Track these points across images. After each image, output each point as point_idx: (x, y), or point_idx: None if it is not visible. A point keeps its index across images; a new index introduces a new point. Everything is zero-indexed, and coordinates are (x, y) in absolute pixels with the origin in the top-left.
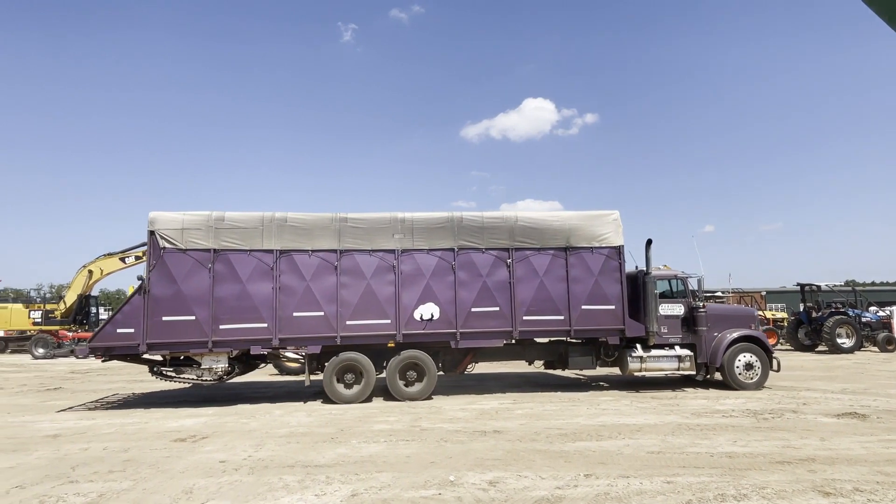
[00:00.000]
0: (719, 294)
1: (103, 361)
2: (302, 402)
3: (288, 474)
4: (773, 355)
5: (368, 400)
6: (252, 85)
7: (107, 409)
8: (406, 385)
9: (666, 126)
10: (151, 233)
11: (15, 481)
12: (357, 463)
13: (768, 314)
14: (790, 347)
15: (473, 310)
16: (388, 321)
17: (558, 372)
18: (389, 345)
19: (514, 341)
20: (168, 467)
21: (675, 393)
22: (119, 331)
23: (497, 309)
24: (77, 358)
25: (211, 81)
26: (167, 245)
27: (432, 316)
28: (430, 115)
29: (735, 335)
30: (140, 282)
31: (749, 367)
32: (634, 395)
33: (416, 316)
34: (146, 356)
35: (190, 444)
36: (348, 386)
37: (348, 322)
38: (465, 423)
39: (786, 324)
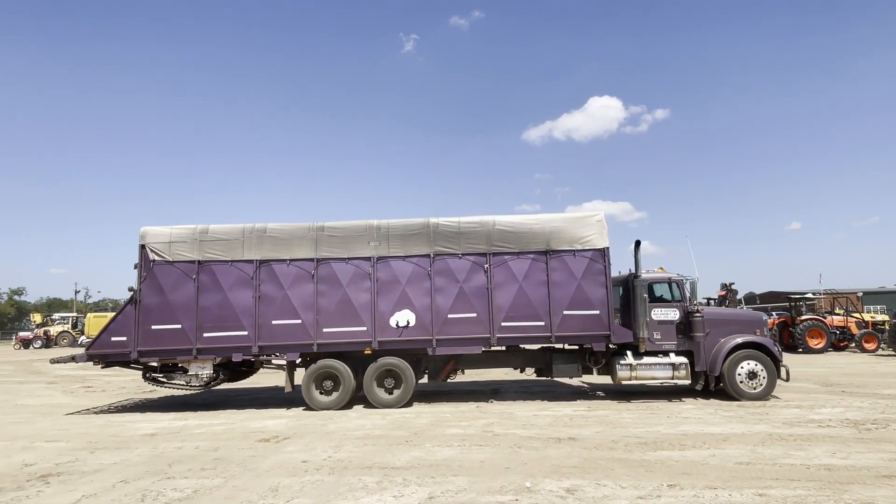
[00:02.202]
0: (810, 295)
1: (102, 368)
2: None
3: (366, 475)
4: (782, 363)
5: (347, 407)
6: (318, 98)
7: (196, 410)
8: (385, 392)
9: (742, 118)
10: (142, 246)
11: (119, 476)
12: (432, 466)
13: (866, 317)
14: (893, 353)
15: (450, 316)
16: (365, 328)
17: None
18: (366, 352)
19: (492, 348)
20: (255, 466)
21: (764, 402)
22: (113, 339)
23: (474, 315)
24: (77, 363)
25: (277, 95)
26: (156, 258)
27: (408, 323)
28: (490, 120)
29: (735, 342)
30: (132, 293)
31: (752, 375)
32: (719, 403)
33: (392, 323)
34: (141, 363)
35: (274, 444)
36: (327, 393)
37: (325, 329)
38: (538, 430)
39: (887, 327)
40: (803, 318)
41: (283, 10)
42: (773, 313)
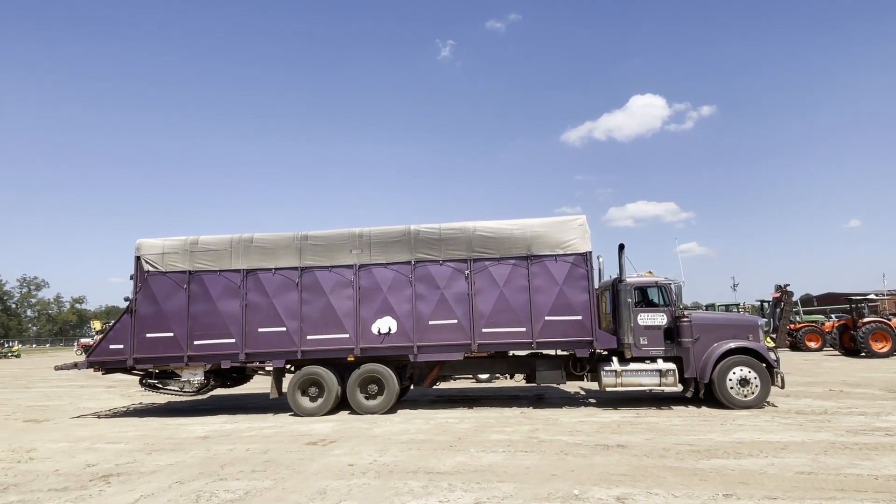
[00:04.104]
0: (872, 297)
1: (103, 374)
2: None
3: (412, 480)
4: (777, 369)
5: (333, 412)
6: (353, 106)
7: (246, 413)
8: (367, 398)
9: (794, 112)
10: (137, 258)
11: (175, 477)
12: (477, 472)
13: None
14: None
15: (431, 323)
16: (347, 335)
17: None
18: (349, 359)
19: (473, 354)
20: (303, 469)
21: (825, 408)
22: (111, 347)
23: (455, 322)
24: (79, 370)
25: (319, 109)
26: (150, 268)
27: (390, 330)
28: (528, 123)
29: (726, 347)
30: (128, 302)
31: (744, 382)
32: (776, 409)
33: (374, 330)
34: (137, 369)
35: (321, 447)
36: (312, 399)
37: (309, 337)
38: (585, 436)
39: None
40: (866, 320)
41: (316, 18)
42: (832, 316)
